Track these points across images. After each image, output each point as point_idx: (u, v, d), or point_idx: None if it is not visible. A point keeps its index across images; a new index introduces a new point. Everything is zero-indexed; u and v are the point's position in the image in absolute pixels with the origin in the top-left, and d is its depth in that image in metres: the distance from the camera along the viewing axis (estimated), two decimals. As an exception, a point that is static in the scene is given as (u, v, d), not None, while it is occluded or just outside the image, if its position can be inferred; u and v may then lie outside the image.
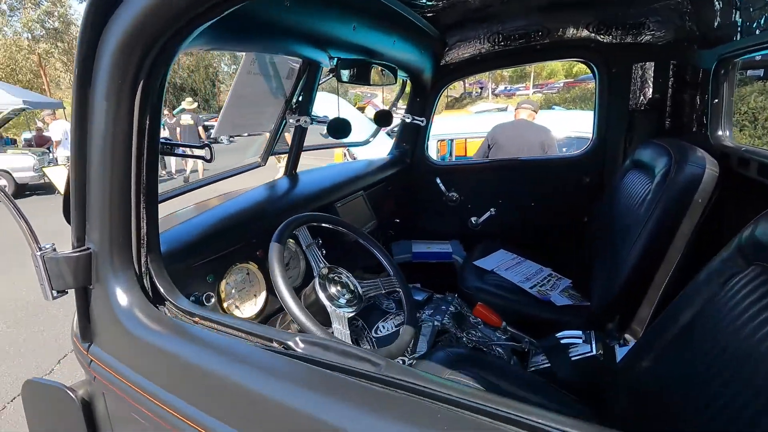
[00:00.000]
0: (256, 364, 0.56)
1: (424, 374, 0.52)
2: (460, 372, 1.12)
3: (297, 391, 0.51)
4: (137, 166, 0.63)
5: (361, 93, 30.40)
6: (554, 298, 1.61)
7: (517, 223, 2.18)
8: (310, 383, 0.52)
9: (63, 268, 0.65)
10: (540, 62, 3.91)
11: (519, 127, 3.23)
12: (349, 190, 1.64)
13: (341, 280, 1.03)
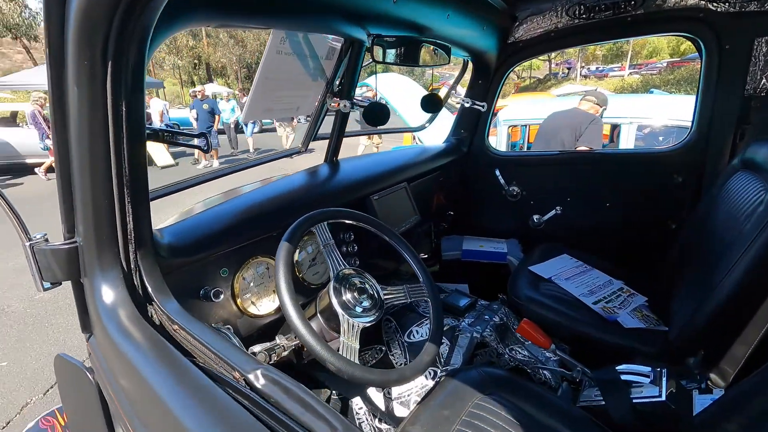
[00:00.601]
0: (199, 396, 0.49)
1: None
2: (492, 397, 0.98)
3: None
4: (116, 157, 0.58)
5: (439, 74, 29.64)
6: (623, 318, 1.37)
7: (587, 225, 1.91)
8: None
9: (51, 260, 0.64)
10: (630, 38, 3.41)
11: (567, 115, 2.97)
12: (390, 181, 1.52)
13: (361, 286, 0.93)
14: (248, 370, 0.51)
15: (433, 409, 0.94)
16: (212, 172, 1.14)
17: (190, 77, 30.52)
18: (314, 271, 1.18)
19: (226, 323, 0.94)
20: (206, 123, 8.37)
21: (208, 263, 0.93)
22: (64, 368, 0.95)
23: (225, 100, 10.75)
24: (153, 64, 25.34)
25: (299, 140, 1.49)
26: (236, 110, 10.12)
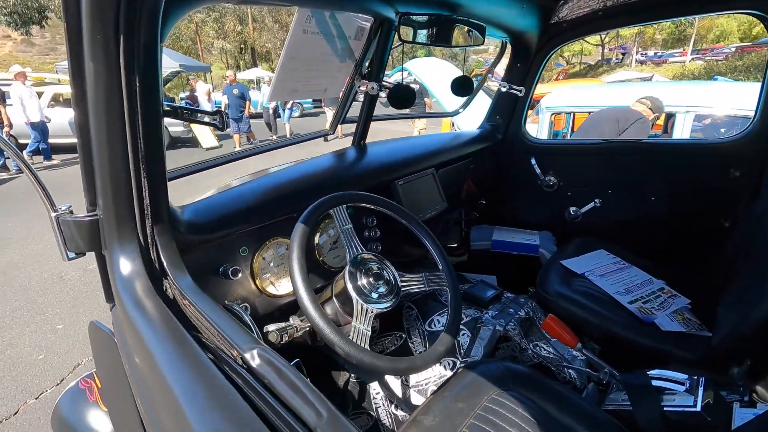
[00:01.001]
0: (197, 373, 0.49)
1: None
2: (510, 393, 0.95)
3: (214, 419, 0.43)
4: (132, 133, 0.60)
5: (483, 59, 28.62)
6: (661, 320, 1.28)
7: (628, 219, 1.79)
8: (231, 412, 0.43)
9: (74, 231, 0.67)
10: (689, 17, 3.10)
11: (616, 110, 2.87)
12: (417, 167, 1.49)
13: (378, 271, 0.91)
14: (245, 348, 0.51)
15: (447, 400, 0.92)
16: (234, 154, 1.15)
17: (236, 61, 31.37)
18: (335, 255, 1.18)
19: (244, 301, 0.96)
20: (237, 108, 8.34)
21: (228, 242, 0.95)
22: (96, 334, 1.00)
23: (266, 84, 10.84)
24: (201, 48, 26.27)
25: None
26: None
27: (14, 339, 2.60)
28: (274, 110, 10.09)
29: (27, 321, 2.78)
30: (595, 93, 4.80)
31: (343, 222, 0.94)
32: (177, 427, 0.45)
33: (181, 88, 16.43)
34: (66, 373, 2.31)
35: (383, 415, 1.18)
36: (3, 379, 2.26)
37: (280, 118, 10.31)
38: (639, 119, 2.73)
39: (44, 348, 2.51)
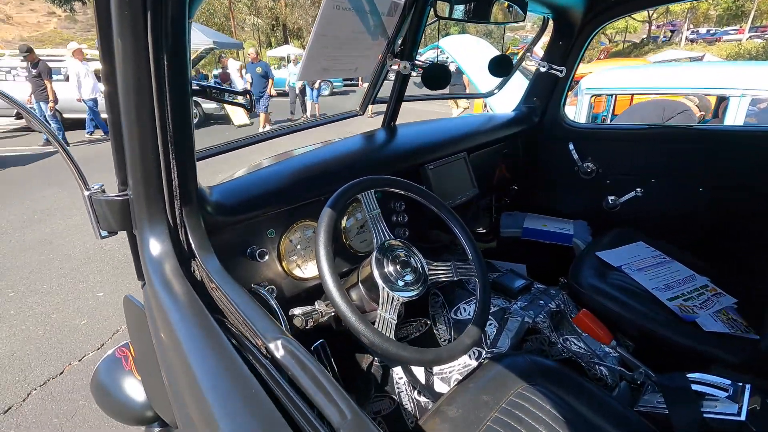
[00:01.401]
0: (220, 359, 0.49)
1: None
2: (537, 388, 0.92)
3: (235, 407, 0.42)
4: (160, 112, 0.59)
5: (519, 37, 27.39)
6: (703, 319, 1.21)
7: (672, 211, 1.68)
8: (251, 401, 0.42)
9: (106, 210, 0.67)
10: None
11: (663, 101, 2.75)
12: (448, 150, 1.43)
13: (405, 259, 0.89)
14: (270, 338, 0.50)
15: (472, 392, 0.91)
16: (263, 135, 1.14)
17: (268, 38, 31.39)
18: (362, 239, 1.17)
19: (270, 283, 0.96)
20: (259, 87, 8.22)
21: (256, 223, 0.94)
22: (130, 308, 1.04)
23: (293, 63, 10.50)
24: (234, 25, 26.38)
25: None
26: None
27: (60, 304, 2.76)
28: (301, 90, 9.90)
29: (71, 288, 2.95)
30: (640, 74, 4.50)
31: (371, 207, 0.92)
32: (198, 410, 0.45)
33: (214, 65, 16.63)
34: (106, 339, 2.45)
35: (405, 401, 1.18)
36: (50, 341, 2.42)
37: (307, 97, 10.13)
38: (686, 110, 2.58)
39: (86, 314, 2.66)
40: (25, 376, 2.16)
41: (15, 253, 3.46)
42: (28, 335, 2.46)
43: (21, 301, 2.79)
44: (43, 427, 1.86)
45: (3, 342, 2.40)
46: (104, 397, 1.20)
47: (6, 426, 1.87)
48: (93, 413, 1.91)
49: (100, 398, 1.21)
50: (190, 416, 0.46)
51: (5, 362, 2.25)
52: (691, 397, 0.87)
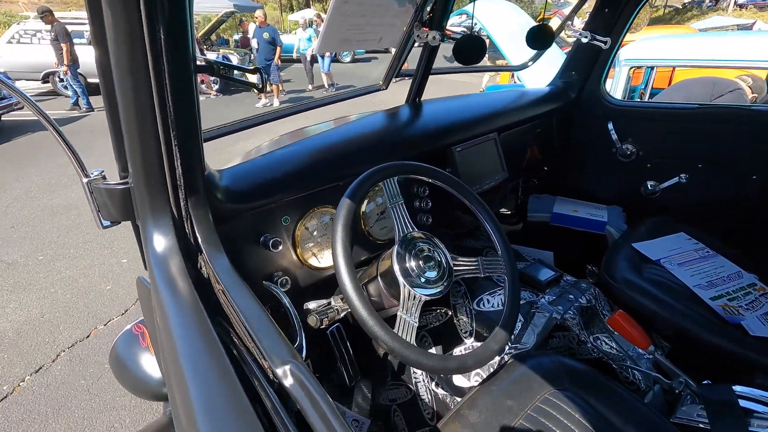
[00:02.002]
0: (219, 379, 0.44)
1: None
2: (565, 393, 0.87)
3: None
4: (159, 93, 0.52)
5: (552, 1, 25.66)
6: (750, 321, 1.11)
7: (720, 200, 1.55)
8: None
9: (107, 199, 0.62)
10: None
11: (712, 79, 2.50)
12: (478, 130, 1.33)
13: (429, 254, 0.82)
14: (278, 362, 0.45)
15: (495, 395, 0.86)
16: (280, 111, 1.07)
17: (289, 1, 30.50)
18: (382, 226, 1.10)
19: (284, 273, 0.92)
20: (266, 54, 7.46)
21: (270, 210, 0.88)
22: (142, 289, 1.01)
23: (302, 28, 9.52)
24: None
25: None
26: (314, 39, 8.91)
27: (86, 269, 2.84)
28: (312, 57, 9.04)
29: (96, 254, 3.02)
30: (683, 44, 4.14)
31: (393, 196, 0.85)
32: (189, 423, 0.41)
33: (234, 29, 16.27)
34: (129, 305, 2.51)
35: (422, 391, 1.14)
36: (77, 304, 2.49)
37: (317, 63, 9.24)
38: (737, 89, 2.37)
39: (111, 279, 2.73)
40: (54, 338, 2.24)
41: (43, 217, 3.55)
42: (57, 298, 2.55)
43: (50, 265, 2.87)
44: (71, 387, 1.94)
45: (33, 304, 2.49)
46: (122, 372, 1.21)
47: (37, 385, 1.96)
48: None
49: (118, 373, 1.22)
50: (181, 424, 0.42)
51: (36, 324, 2.34)
52: (738, 414, 0.80)
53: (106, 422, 1.79)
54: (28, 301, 2.52)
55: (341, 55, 13.46)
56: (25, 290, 2.62)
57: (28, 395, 1.90)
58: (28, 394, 1.91)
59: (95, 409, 1.85)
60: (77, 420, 1.80)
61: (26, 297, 2.56)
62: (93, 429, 1.76)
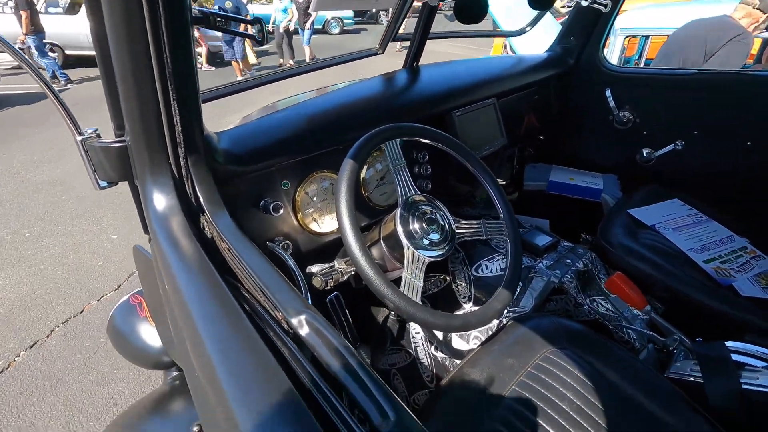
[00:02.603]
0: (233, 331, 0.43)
1: None
2: (564, 352, 0.88)
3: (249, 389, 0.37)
4: (155, 45, 0.49)
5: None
6: (741, 283, 1.14)
7: (715, 166, 1.56)
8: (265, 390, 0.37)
9: (102, 158, 0.60)
10: None
11: (705, 25, 2.25)
12: (477, 95, 1.30)
13: (431, 216, 0.82)
14: (292, 312, 0.44)
15: (495, 354, 0.87)
16: (277, 73, 1.03)
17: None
18: (382, 191, 1.09)
19: (285, 238, 0.90)
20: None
21: (269, 174, 0.86)
22: (139, 258, 1.00)
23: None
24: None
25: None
26: (290, 12, 7.92)
27: (76, 245, 2.79)
28: (286, 30, 8.08)
29: (86, 229, 2.96)
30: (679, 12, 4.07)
31: (395, 158, 0.83)
32: (209, 382, 0.41)
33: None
34: (122, 280, 2.49)
35: (422, 355, 1.16)
36: (68, 281, 2.46)
37: (297, 36, 8.36)
38: (736, 36, 2.17)
39: (102, 255, 2.69)
40: (47, 314, 2.22)
41: (28, 193, 3.46)
42: (47, 275, 2.51)
43: (38, 242, 2.82)
44: (67, 362, 1.94)
45: (24, 281, 2.46)
46: (121, 343, 1.20)
47: (33, 359, 1.95)
48: (114, 351, 1.96)
49: (117, 343, 1.22)
50: (200, 382, 0.41)
51: (28, 300, 2.31)
52: (730, 367, 0.83)
53: (104, 394, 1.80)
54: (17, 278, 2.48)
55: (329, 26, 13.04)
56: (14, 267, 2.57)
57: (24, 370, 1.90)
58: (24, 368, 1.91)
59: (93, 382, 1.85)
60: (75, 393, 1.80)
61: (16, 274, 2.52)
62: (92, 401, 1.77)
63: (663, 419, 0.79)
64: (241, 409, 0.35)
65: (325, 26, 12.97)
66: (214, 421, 0.38)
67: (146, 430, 1.11)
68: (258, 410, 0.35)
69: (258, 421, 0.34)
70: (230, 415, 0.35)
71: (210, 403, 0.39)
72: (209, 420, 0.39)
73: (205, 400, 0.41)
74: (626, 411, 0.79)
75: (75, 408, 1.74)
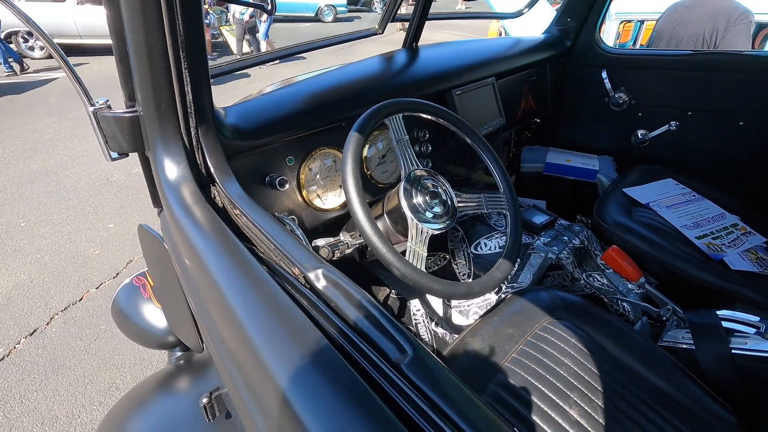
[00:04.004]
0: (254, 286, 0.45)
1: (458, 386, 0.34)
2: (562, 322, 0.91)
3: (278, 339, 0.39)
4: (169, 15, 0.49)
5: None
6: (731, 257, 1.17)
7: (708, 146, 1.58)
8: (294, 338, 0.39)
9: (114, 128, 0.61)
10: None
11: (704, 5, 2.05)
12: (476, 75, 1.31)
13: (434, 190, 0.84)
14: (309, 267, 0.46)
15: (496, 324, 0.90)
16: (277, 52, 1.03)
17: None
18: (383, 170, 1.10)
19: (290, 213, 0.92)
20: None
21: (274, 149, 0.87)
22: (145, 237, 1.01)
23: None
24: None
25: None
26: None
27: (72, 234, 2.78)
28: (247, 27, 7.54)
29: (81, 219, 2.95)
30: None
31: (399, 133, 0.84)
32: (235, 339, 0.42)
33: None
34: (120, 268, 2.49)
35: (423, 331, 1.19)
36: (66, 269, 2.46)
37: (259, 35, 7.81)
38: (740, 16, 1.98)
39: (99, 244, 2.68)
40: (46, 302, 2.22)
41: (21, 183, 3.43)
42: (44, 264, 2.50)
43: (33, 231, 2.81)
44: (68, 348, 1.95)
45: (21, 270, 2.45)
46: (126, 324, 1.21)
47: (33, 346, 1.96)
48: (115, 337, 1.99)
49: (121, 324, 1.23)
50: (225, 343, 0.43)
51: (26, 289, 2.31)
52: (720, 334, 0.86)
53: (106, 379, 1.82)
54: (14, 267, 2.47)
55: (323, 14, 12.87)
56: (11, 256, 2.56)
57: (25, 357, 1.91)
58: (25, 355, 1.91)
59: (95, 367, 1.87)
60: (78, 378, 1.82)
61: (12, 263, 2.51)
62: (94, 385, 1.79)
63: (656, 384, 0.83)
64: (275, 361, 0.37)
65: (318, 14, 12.82)
66: (247, 382, 0.39)
67: (153, 408, 1.12)
68: (291, 362, 0.36)
69: (293, 373, 0.35)
70: (265, 370, 0.37)
71: (241, 365, 0.41)
72: (240, 381, 0.40)
73: (234, 361, 0.42)
74: (621, 377, 0.83)
75: (78, 392, 1.75)
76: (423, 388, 0.34)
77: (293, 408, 0.33)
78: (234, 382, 0.42)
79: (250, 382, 0.39)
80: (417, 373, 0.35)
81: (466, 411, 0.32)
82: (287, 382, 0.35)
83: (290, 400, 0.34)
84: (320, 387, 0.34)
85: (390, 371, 0.35)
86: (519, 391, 0.75)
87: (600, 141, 1.81)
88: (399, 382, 0.34)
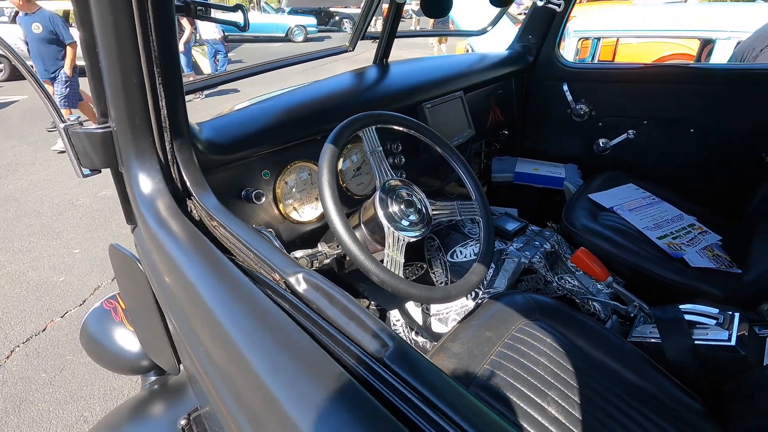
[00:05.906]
0: (237, 295, 0.45)
1: (441, 377, 0.36)
2: (537, 323, 0.94)
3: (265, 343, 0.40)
4: (143, 30, 0.50)
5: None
6: (690, 255, 1.25)
7: (662, 153, 1.69)
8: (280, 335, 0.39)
9: (86, 144, 0.60)
10: None
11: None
12: (445, 89, 1.36)
13: (408, 198, 0.86)
14: (289, 272, 0.47)
15: (474, 329, 0.92)
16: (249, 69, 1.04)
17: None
18: (359, 182, 1.12)
19: (268, 226, 0.92)
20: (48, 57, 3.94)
21: (250, 163, 0.88)
22: (117, 257, 0.98)
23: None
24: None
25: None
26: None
27: (34, 262, 2.65)
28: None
29: (44, 245, 2.82)
30: (624, 15, 4.34)
31: (373, 144, 0.87)
32: (222, 350, 0.42)
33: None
34: (87, 295, 2.39)
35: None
36: (28, 298, 2.34)
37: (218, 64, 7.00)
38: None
39: (63, 271, 2.57)
40: (5, 334, 2.10)
41: (-23, 210, 3.26)
42: (3, 294, 2.37)
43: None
44: (31, 382, 1.84)
45: (-23, 301, 2.31)
46: (96, 350, 1.17)
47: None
48: (82, 367, 1.89)
49: (92, 351, 1.18)
50: (211, 356, 0.43)
51: (-18, 321, 2.18)
52: (684, 327, 0.91)
53: (74, 412, 1.72)
54: (-31, 299, 2.33)
55: (293, 34, 13.00)
56: (-34, 287, 2.42)
57: (-18, 394, 1.79)
58: (-18, 393, 1.80)
59: (61, 400, 1.77)
60: (42, 413, 1.71)
61: (-33, 294, 2.37)
62: (60, 420, 1.69)
63: (629, 379, 0.86)
64: (263, 367, 0.37)
65: (289, 34, 12.94)
66: (235, 392, 0.39)
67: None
68: (279, 365, 0.37)
69: (282, 376, 0.36)
70: (253, 377, 0.37)
71: (229, 375, 0.40)
72: (226, 393, 0.40)
73: (221, 373, 0.42)
74: (596, 374, 0.86)
75: (42, 429, 1.65)
76: (406, 377, 0.35)
77: (284, 409, 0.34)
78: (220, 395, 0.41)
79: (238, 392, 0.39)
80: (399, 364, 0.36)
81: (448, 396, 0.34)
82: (276, 386, 0.35)
83: (280, 401, 0.34)
84: (308, 385, 0.35)
85: (374, 363, 0.36)
86: (499, 391, 0.77)
87: (565, 150, 1.90)
88: (383, 374, 0.35)
